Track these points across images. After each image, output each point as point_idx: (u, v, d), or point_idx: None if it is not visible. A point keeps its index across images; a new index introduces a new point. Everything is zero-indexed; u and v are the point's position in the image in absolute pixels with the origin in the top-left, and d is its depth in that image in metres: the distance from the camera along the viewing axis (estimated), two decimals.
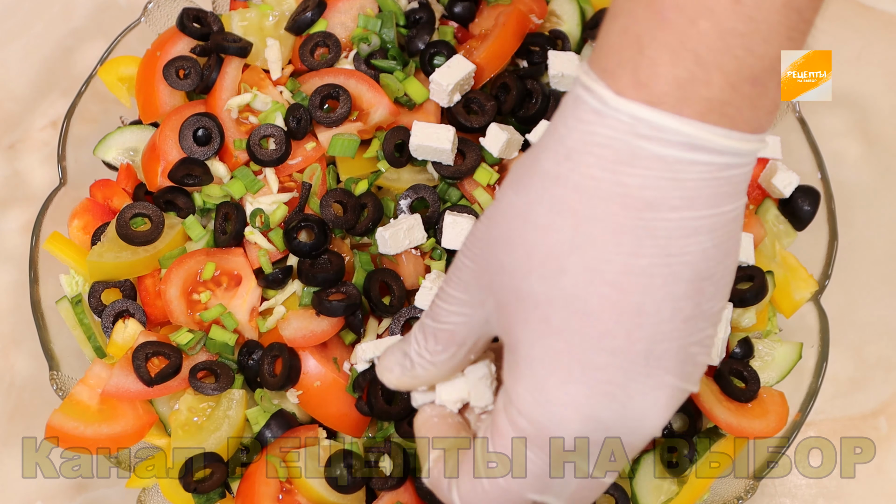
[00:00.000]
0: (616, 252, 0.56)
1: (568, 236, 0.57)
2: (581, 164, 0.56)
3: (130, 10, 1.22)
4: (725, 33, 0.54)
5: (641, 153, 0.55)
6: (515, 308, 0.59)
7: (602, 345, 0.56)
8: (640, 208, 0.55)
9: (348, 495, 0.88)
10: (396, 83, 1.00)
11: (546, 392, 0.57)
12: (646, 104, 0.55)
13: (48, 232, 0.99)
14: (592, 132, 0.56)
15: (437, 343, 0.66)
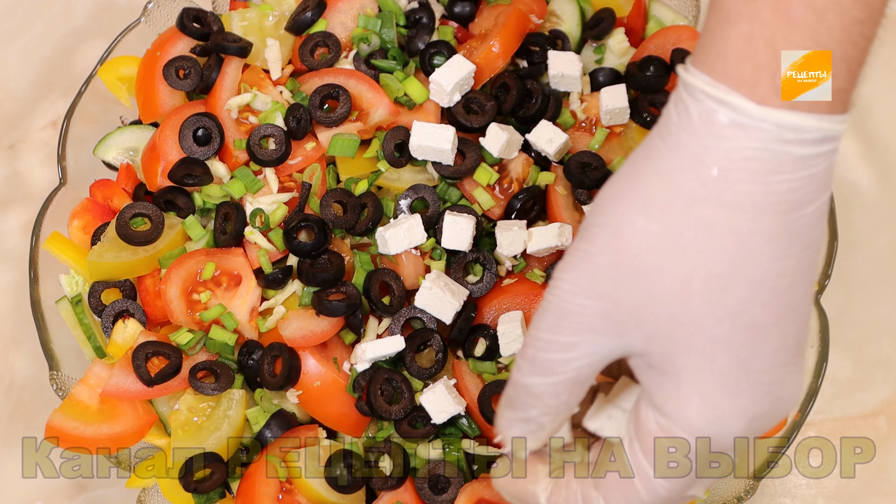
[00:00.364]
0: (773, 259, 0.57)
1: (729, 256, 0.56)
2: (731, 182, 0.56)
3: (130, 10, 1.22)
4: (849, 24, 0.55)
5: (787, 158, 0.55)
6: (675, 335, 0.58)
7: (764, 349, 0.58)
8: (790, 211, 0.56)
9: (348, 495, 0.88)
10: (396, 83, 1.00)
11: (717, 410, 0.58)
12: (788, 109, 0.55)
13: (48, 232, 0.99)
14: (738, 147, 0.55)
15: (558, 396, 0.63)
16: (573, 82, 1.03)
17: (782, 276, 0.57)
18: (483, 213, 0.97)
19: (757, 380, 0.58)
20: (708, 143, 0.56)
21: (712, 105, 0.56)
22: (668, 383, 0.59)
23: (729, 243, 0.56)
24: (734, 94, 0.55)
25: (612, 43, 1.07)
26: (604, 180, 0.96)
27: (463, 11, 1.08)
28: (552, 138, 0.98)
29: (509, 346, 0.91)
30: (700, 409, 0.58)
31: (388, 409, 0.89)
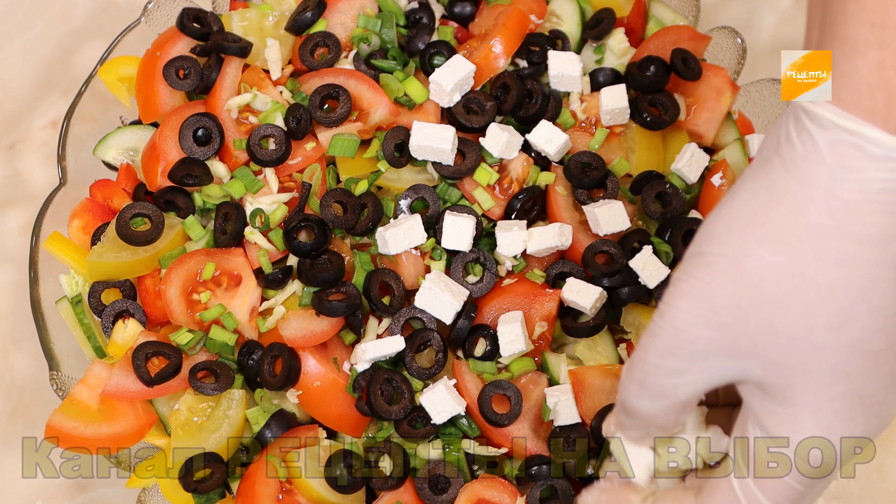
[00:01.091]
0: (893, 287, 0.57)
1: (855, 286, 0.57)
2: (863, 213, 0.55)
3: (130, 10, 1.22)
4: None
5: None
6: (795, 364, 0.59)
7: (878, 373, 0.59)
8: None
9: (348, 495, 0.88)
10: (396, 83, 1.00)
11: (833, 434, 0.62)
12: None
13: (48, 232, 0.99)
14: (870, 179, 0.55)
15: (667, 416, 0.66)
16: (573, 82, 1.03)
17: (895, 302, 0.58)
18: (483, 213, 0.97)
19: (868, 402, 0.60)
20: (838, 174, 0.55)
21: (843, 135, 0.55)
22: (781, 409, 0.61)
23: (857, 275, 0.57)
24: (865, 124, 0.55)
25: (612, 43, 1.07)
26: (604, 180, 0.98)
27: (463, 11, 1.08)
28: (552, 138, 0.98)
29: (509, 346, 0.91)
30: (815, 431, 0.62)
31: (388, 409, 0.89)
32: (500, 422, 0.88)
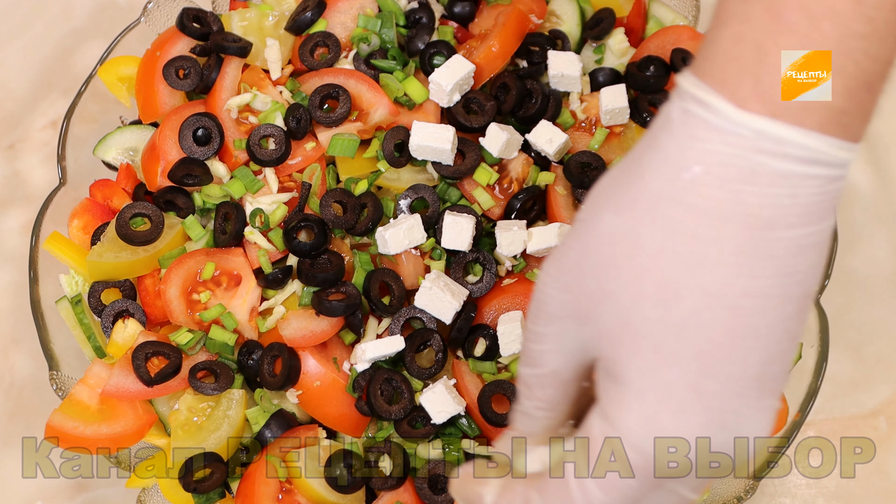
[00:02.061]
0: (736, 274, 0.53)
1: (685, 261, 0.54)
2: (699, 185, 0.53)
3: (130, 9, 1.22)
4: (847, 36, 0.52)
5: (762, 170, 0.52)
6: (623, 337, 0.56)
7: (717, 371, 0.54)
8: (759, 228, 0.53)
9: (348, 495, 0.88)
10: (396, 83, 1.00)
11: (659, 424, 0.55)
12: (769, 117, 0.52)
13: (48, 232, 0.99)
14: (711, 150, 0.53)
15: (545, 389, 0.63)
16: (573, 82, 1.03)
17: (746, 296, 0.53)
18: (483, 213, 0.97)
19: (707, 403, 0.54)
20: (684, 143, 0.54)
21: (692, 106, 0.54)
22: (613, 388, 0.57)
23: (686, 247, 0.54)
24: (715, 94, 0.53)
25: (611, 43, 1.07)
26: None
27: (463, 11, 1.07)
28: (552, 138, 0.98)
29: (509, 346, 0.91)
30: (639, 419, 0.55)
31: (388, 409, 0.89)
32: (500, 422, 0.88)
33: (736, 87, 0.53)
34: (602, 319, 0.57)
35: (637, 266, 0.55)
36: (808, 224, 0.53)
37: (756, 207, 0.53)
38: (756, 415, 0.55)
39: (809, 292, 0.55)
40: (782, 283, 0.54)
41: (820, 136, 0.52)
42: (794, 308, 0.55)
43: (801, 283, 0.55)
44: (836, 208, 0.55)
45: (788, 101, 0.52)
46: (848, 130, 0.53)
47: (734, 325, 0.54)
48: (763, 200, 0.53)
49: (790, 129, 0.52)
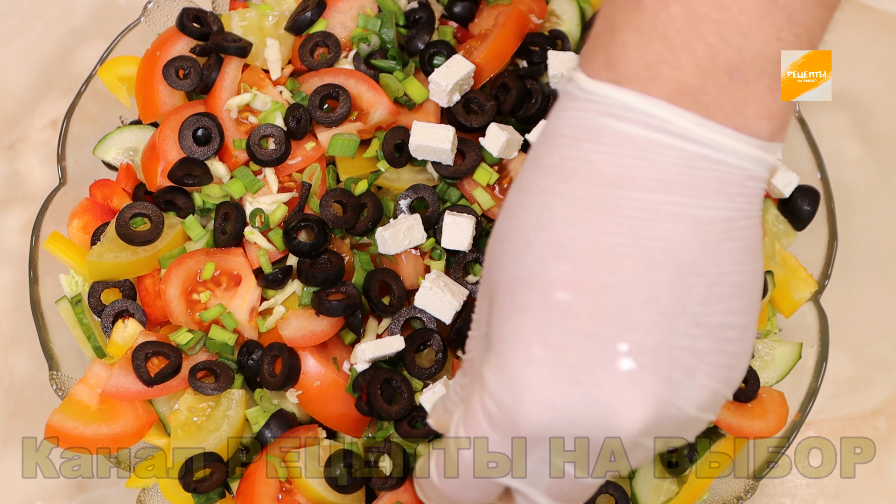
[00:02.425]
0: (581, 228, 0.55)
1: (534, 214, 0.56)
2: (552, 146, 0.57)
3: (130, 10, 1.22)
4: (696, 18, 0.54)
5: (607, 131, 0.55)
6: (494, 296, 0.58)
7: (565, 324, 0.54)
8: (606, 184, 0.55)
9: (348, 495, 0.88)
10: (396, 83, 1.00)
11: (508, 371, 0.55)
12: (613, 84, 0.55)
13: (48, 232, 0.99)
14: (566, 116, 0.57)
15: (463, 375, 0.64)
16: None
17: (593, 251, 0.54)
18: (483, 213, 0.97)
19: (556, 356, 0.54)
20: (553, 114, 0.59)
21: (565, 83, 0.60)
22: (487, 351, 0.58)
23: (536, 202, 0.56)
24: (576, 69, 0.58)
25: None
26: None
27: (463, 11, 1.07)
28: None
29: None
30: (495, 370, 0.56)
31: (388, 409, 0.89)
32: None
33: (591, 61, 0.58)
34: (488, 288, 0.60)
35: (504, 227, 0.59)
36: (668, 192, 0.54)
37: (601, 165, 0.55)
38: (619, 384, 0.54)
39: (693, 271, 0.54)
40: (639, 245, 0.54)
41: (668, 106, 0.55)
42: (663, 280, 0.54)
43: (670, 252, 0.54)
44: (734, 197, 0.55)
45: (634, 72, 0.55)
46: (710, 110, 0.55)
47: (580, 278, 0.54)
48: (608, 158, 0.55)
49: (633, 95, 0.55)
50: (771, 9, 0.54)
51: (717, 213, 0.55)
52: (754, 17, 0.54)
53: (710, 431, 0.94)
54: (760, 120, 0.56)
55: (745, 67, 0.55)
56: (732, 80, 0.55)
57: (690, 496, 0.92)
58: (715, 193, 0.55)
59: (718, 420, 0.91)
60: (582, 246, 0.54)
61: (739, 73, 0.55)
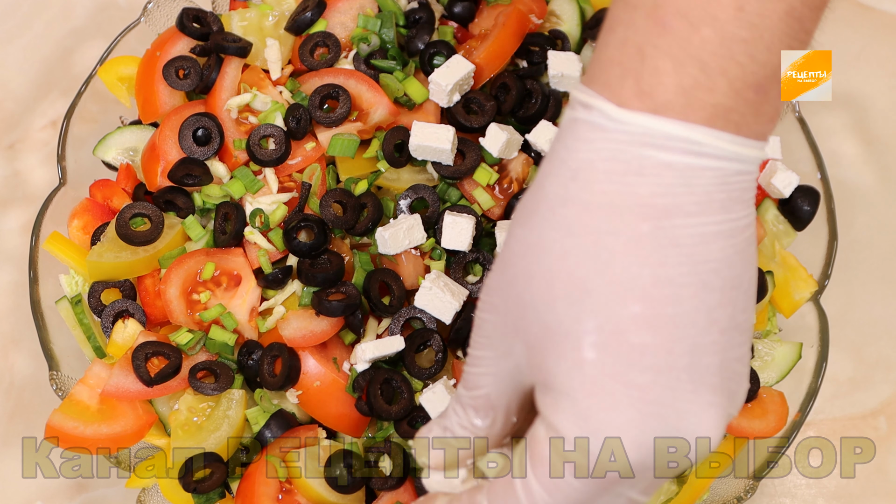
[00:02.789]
0: (641, 264, 0.54)
1: (588, 255, 0.55)
2: (589, 182, 0.55)
3: (130, 10, 1.22)
4: (728, 40, 0.54)
5: (649, 162, 0.54)
6: (545, 342, 0.57)
7: (643, 363, 0.54)
8: (656, 217, 0.54)
9: (348, 495, 0.88)
10: (396, 83, 1.00)
11: (593, 421, 0.55)
12: (651, 113, 0.54)
13: (48, 232, 0.99)
14: (598, 149, 0.55)
15: (476, 412, 0.63)
16: (573, 82, 1.03)
17: (657, 285, 0.54)
18: (483, 213, 0.97)
19: (639, 397, 0.54)
20: (572, 146, 0.56)
21: (579, 111, 0.56)
22: (549, 397, 0.57)
23: (587, 242, 0.55)
24: (597, 97, 0.55)
25: None
26: None
27: (463, 11, 1.07)
28: (552, 138, 0.98)
29: None
30: (574, 418, 0.55)
31: (388, 409, 0.89)
32: None
33: (619, 89, 0.55)
34: (525, 330, 0.58)
35: (546, 270, 0.56)
36: (710, 213, 0.55)
37: (649, 197, 0.54)
38: (697, 410, 0.55)
39: (735, 283, 0.56)
40: (695, 272, 0.54)
41: (706, 130, 0.54)
42: (717, 298, 0.55)
43: (719, 272, 0.55)
44: (750, 202, 0.57)
45: (670, 99, 0.54)
46: (740, 127, 0.55)
47: (650, 314, 0.54)
48: (655, 190, 0.54)
49: (673, 124, 0.54)
50: (789, 22, 0.55)
51: (743, 222, 0.56)
52: (777, 32, 0.54)
53: None
54: (770, 123, 0.57)
55: (767, 80, 0.55)
56: (757, 95, 0.55)
57: (690, 496, 0.92)
58: (741, 204, 0.56)
59: None
60: (646, 283, 0.54)
61: (763, 86, 0.55)
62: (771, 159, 1.03)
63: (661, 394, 0.54)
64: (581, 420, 0.55)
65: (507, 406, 0.62)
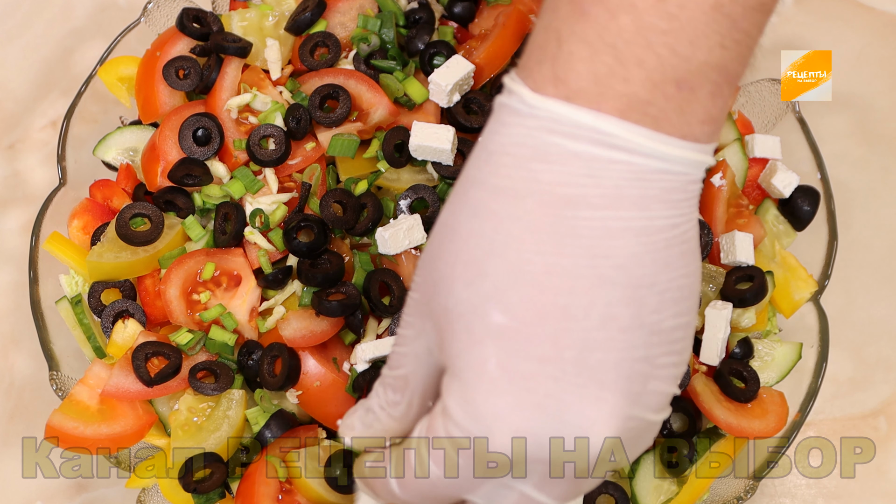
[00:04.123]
0: (537, 251, 0.54)
1: (488, 239, 0.55)
2: (498, 166, 0.55)
3: (130, 10, 1.22)
4: (645, 29, 0.53)
5: (556, 150, 0.54)
6: (445, 323, 0.57)
7: (528, 352, 0.54)
8: (558, 206, 0.54)
9: (348, 495, 0.88)
10: (396, 83, 1.00)
11: (475, 404, 0.54)
12: (562, 100, 0.54)
13: (48, 232, 0.99)
14: (511, 133, 0.55)
15: (394, 393, 0.63)
16: None
17: (550, 274, 0.53)
18: None
19: (521, 385, 0.53)
20: (492, 129, 0.56)
21: (503, 96, 0.56)
22: (446, 376, 0.57)
23: (488, 226, 0.55)
24: (518, 82, 0.55)
25: None
26: None
27: (463, 12, 1.07)
28: None
29: None
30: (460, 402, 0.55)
31: None
32: None
33: (537, 74, 0.55)
34: (434, 310, 0.58)
35: (452, 251, 0.56)
36: (618, 208, 0.53)
37: (552, 185, 0.53)
38: (586, 406, 0.54)
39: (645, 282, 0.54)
40: (594, 265, 0.53)
41: (618, 122, 0.53)
42: (618, 294, 0.54)
43: (623, 268, 0.54)
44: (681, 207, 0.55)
45: (583, 87, 0.53)
46: (659, 122, 0.54)
47: (540, 303, 0.53)
48: (558, 178, 0.53)
49: (582, 112, 0.53)
50: (716, 17, 0.53)
51: (664, 222, 0.55)
52: (700, 25, 0.53)
53: (710, 431, 0.94)
54: (702, 125, 0.55)
55: (691, 76, 0.54)
56: (680, 90, 0.54)
57: (690, 496, 0.92)
58: (660, 203, 0.54)
59: (718, 420, 0.91)
60: (539, 270, 0.54)
61: (686, 82, 0.54)
62: (771, 159, 1.03)
63: (543, 383, 0.53)
64: (465, 402, 0.55)
65: (424, 388, 0.62)
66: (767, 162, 1.03)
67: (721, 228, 0.98)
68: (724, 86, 0.55)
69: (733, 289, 0.95)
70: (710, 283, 0.96)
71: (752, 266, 0.96)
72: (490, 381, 0.54)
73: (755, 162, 1.04)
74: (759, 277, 0.95)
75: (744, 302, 0.95)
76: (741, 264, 0.96)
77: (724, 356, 0.95)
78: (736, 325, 0.97)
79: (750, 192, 1.04)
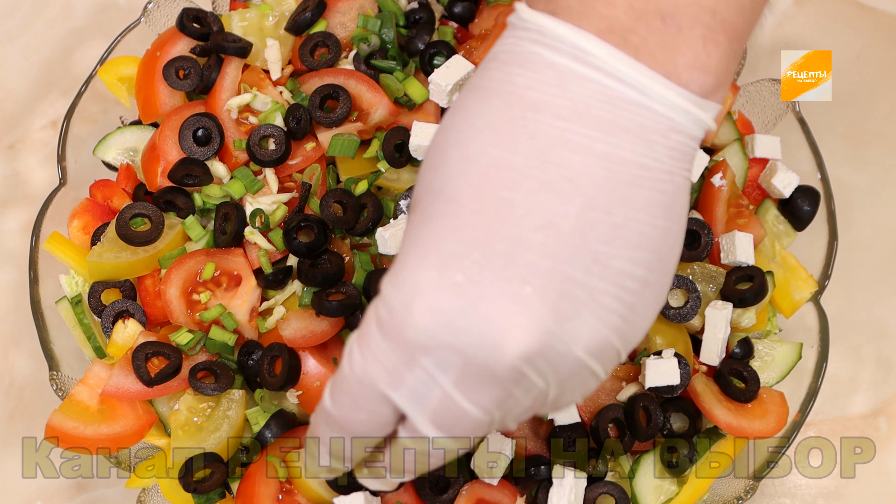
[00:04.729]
0: (492, 144, 0.56)
1: (455, 131, 0.58)
2: (485, 69, 0.58)
3: (130, 10, 1.22)
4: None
5: (535, 58, 0.56)
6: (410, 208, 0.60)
7: (461, 235, 0.55)
8: (523, 107, 0.56)
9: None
10: (396, 83, 1.00)
11: (401, 276, 0.55)
12: (548, 14, 0.56)
13: (48, 232, 0.99)
14: (503, 43, 0.59)
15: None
16: None
17: (499, 167, 0.55)
18: None
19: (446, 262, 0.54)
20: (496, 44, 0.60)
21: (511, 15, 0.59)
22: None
23: (459, 119, 0.58)
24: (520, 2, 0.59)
25: None
26: None
27: (463, 12, 1.08)
28: None
29: None
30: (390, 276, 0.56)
31: None
32: None
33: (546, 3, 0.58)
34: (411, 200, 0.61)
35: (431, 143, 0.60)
36: (583, 125, 0.54)
37: (522, 88, 0.56)
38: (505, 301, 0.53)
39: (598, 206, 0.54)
40: (542, 169, 0.54)
41: (596, 41, 0.55)
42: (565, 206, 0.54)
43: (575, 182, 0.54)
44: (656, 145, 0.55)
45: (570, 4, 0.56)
46: (640, 52, 0.55)
47: (483, 191, 0.55)
48: (530, 82, 0.56)
49: (563, 26, 0.56)
50: None
51: (630, 156, 0.55)
52: None
53: (711, 432, 0.94)
54: (691, 71, 0.56)
55: (679, 12, 0.55)
56: (665, 24, 0.55)
57: (690, 496, 0.92)
58: (632, 136, 0.55)
59: (718, 420, 0.91)
60: (490, 162, 0.55)
61: (672, 17, 0.55)
62: (771, 159, 1.03)
63: (468, 267, 0.54)
64: (393, 275, 0.56)
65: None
66: (767, 162, 1.03)
67: (721, 228, 0.98)
68: (719, 33, 0.56)
69: (733, 289, 0.95)
70: (711, 283, 0.96)
71: (753, 266, 0.96)
72: (419, 255, 0.55)
73: (755, 162, 1.04)
74: (759, 277, 0.95)
75: (744, 302, 0.95)
76: (741, 264, 0.96)
77: (725, 356, 0.95)
78: (736, 326, 0.97)
79: (750, 192, 1.04)
